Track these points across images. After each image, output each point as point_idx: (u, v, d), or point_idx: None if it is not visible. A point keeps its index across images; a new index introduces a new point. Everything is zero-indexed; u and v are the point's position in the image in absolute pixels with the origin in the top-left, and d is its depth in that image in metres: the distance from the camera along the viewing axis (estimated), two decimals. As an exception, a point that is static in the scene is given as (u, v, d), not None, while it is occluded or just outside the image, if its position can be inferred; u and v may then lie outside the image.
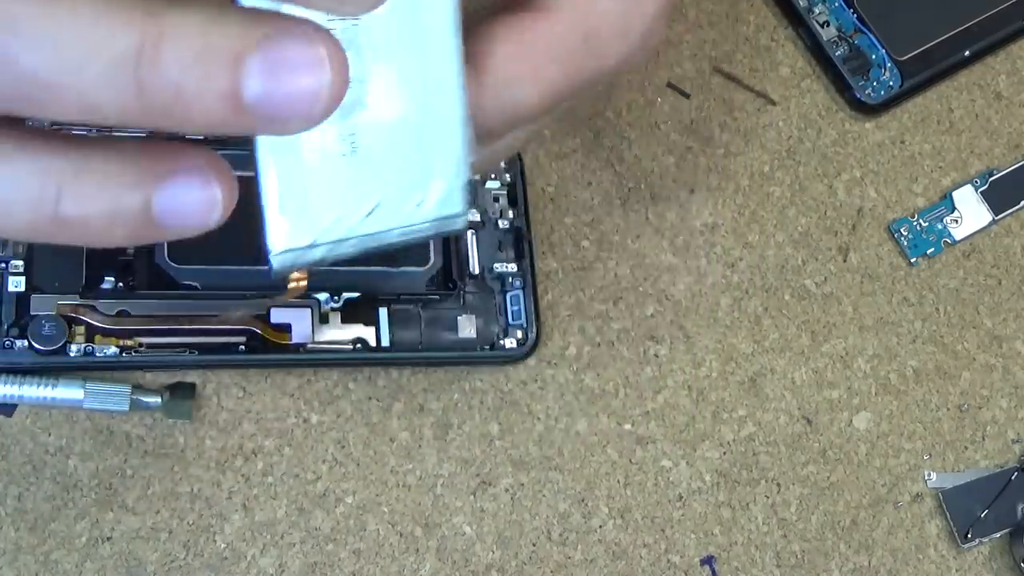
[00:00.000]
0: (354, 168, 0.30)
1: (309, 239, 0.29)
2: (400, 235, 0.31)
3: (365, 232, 0.30)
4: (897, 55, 0.52)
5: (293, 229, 0.29)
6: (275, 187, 0.29)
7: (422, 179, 0.31)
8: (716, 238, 0.51)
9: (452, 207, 0.31)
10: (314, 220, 0.30)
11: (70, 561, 0.44)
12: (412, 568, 0.46)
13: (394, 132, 0.30)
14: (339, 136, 0.30)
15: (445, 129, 0.31)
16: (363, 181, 0.30)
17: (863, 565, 0.49)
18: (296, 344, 0.45)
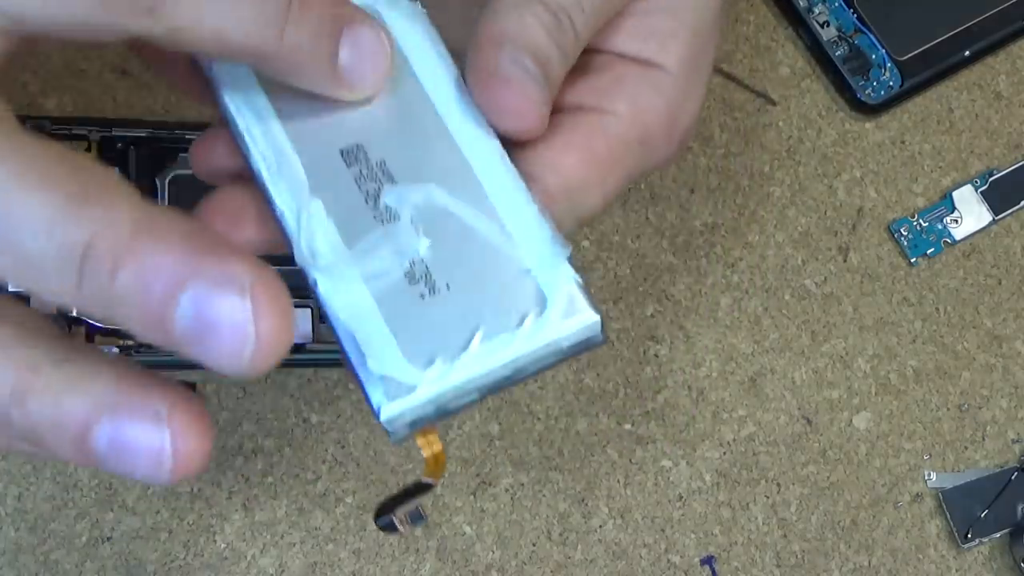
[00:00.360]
0: (440, 306, 0.28)
1: (418, 396, 0.27)
2: (529, 362, 0.28)
3: (480, 371, 0.27)
4: (897, 55, 0.52)
5: (395, 391, 0.27)
6: (362, 354, 0.28)
7: (520, 296, 0.28)
8: (716, 238, 0.51)
9: (577, 312, 0.28)
10: (414, 374, 0.27)
11: (70, 561, 0.44)
12: (412, 568, 0.46)
13: (469, 257, 0.28)
14: (407, 278, 0.28)
15: (526, 236, 0.28)
16: (454, 315, 0.28)
17: (863, 565, 0.49)
18: (296, 344, 0.45)
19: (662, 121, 0.34)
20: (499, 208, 0.29)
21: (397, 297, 0.28)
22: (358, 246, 0.28)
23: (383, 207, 0.28)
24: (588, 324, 0.28)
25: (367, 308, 0.28)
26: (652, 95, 0.34)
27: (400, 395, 0.27)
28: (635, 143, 0.33)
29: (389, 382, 0.27)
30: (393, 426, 0.28)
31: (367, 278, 0.28)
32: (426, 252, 0.28)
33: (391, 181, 0.29)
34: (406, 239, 0.28)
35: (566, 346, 0.28)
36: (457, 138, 0.29)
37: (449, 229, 0.28)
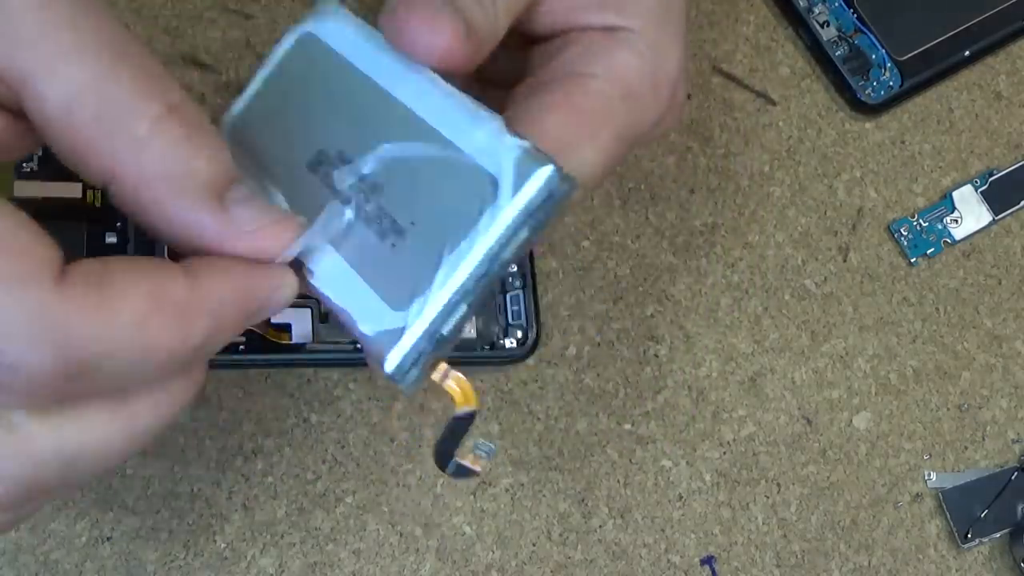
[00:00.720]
0: (409, 245, 0.28)
1: (410, 336, 0.27)
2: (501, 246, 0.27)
3: (456, 282, 0.27)
4: (897, 55, 0.52)
5: (389, 341, 0.28)
6: (351, 312, 0.29)
7: (473, 190, 0.28)
8: (716, 238, 0.51)
9: (527, 175, 0.27)
10: (401, 316, 0.28)
11: (70, 561, 0.44)
12: (412, 568, 0.46)
13: (424, 187, 0.29)
14: (378, 236, 0.29)
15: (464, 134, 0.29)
16: (422, 247, 0.28)
17: (863, 565, 0.49)
18: (296, 344, 0.45)
19: (642, 76, 0.34)
20: (440, 127, 0.29)
21: (373, 257, 0.28)
22: (336, 238, 0.29)
23: (341, 190, 0.30)
24: (543, 180, 0.27)
25: (351, 280, 0.28)
26: (625, 54, 0.33)
27: (394, 343, 0.27)
28: (617, 99, 0.33)
29: (383, 336, 0.28)
30: (399, 375, 0.27)
31: (347, 256, 0.29)
32: (389, 206, 0.29)
33: (349, 166, 0.30)
34: (360, 204, 0.29)
35: (531, 210, 0.27)
36: (394, 92, 0.30)
37: (404, 173, 0.29)
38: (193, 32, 0.48)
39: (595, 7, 0.34)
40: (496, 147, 0.28)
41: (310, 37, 0.33)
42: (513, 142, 0.28)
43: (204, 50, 0.48)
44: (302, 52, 0.33)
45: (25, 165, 0.43)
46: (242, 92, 0.34)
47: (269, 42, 0.48)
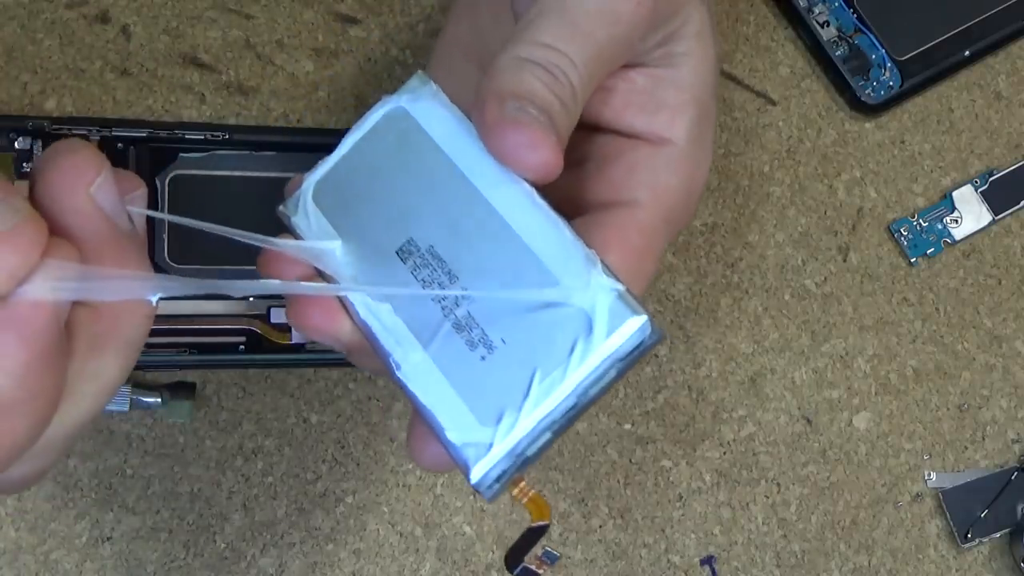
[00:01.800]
0: (500, 361, 0.30)
1: (495, 453, 0.29)
2: (589, 385, 0.29)
3: (544, 411, 0.29)
4: (897, 55, 0.52)
5: (476, 454, 0.29)
6: (437, 417, 0.30)
7: (567, 325, 0.29)
8: (716, 238, 0.51)
9: (621, 320, 0.29)
10: (487, 432, 0.29)
11: (70, 561, 0.44)
12: (412, 568, 0.46)
13: (510, 304, 0.30)
14: (467, 345, 0.30)
15: (562, 266, 0.30)
16: (512, 366, 0.29)
17: (863, 565, 0.49)
18: (296, 344, 0.45)
19: (681, 197, 0.36)
20: (535, 247, 0.30)
21: (462, 365, 0.30)
22: (422, 334, 0.31)
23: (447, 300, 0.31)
24: (636, 328, 0.29)
25: (439, 385, 0.30)
26: (667, 175, 0.36)
27: (480, 456, 0.29)
28: (661, 224, 0.35)
29: (469, 447, 0.29)
30: (482, 487, 0.29)
31: (436, 359, 0.30)
32: (480, 316, 0.30)
33: (443, 266, 0.31)
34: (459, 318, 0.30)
35: (621, 356, 0.29)
36: (488, 196, 0.31)
37: (496, 286, 0.30)
38: (193, 32, 0.48)
39: (649, 110, 0.36)
40: (591, 284, 0.29)
41: (403, 113, 0.33)
42: (608, 283, 0.29)
43: (204, 50, 0.48)
44: (394, 126, 0.33)
45: (25, 165, 0.43)
46: (327, 155, 0.34)
47: (269, 42, 0.48)
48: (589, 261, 0.30)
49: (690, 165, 0.36)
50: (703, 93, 0.36)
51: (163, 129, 0.45)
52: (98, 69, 0.47)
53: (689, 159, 0.36)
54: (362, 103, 0.48)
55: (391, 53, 0.49)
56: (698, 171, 0.37)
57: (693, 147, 0.36)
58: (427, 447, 0.32)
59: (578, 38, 0.33)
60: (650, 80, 0.36)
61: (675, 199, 0.36)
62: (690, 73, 0.36)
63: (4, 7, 0.47)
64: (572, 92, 0.33)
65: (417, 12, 0.50)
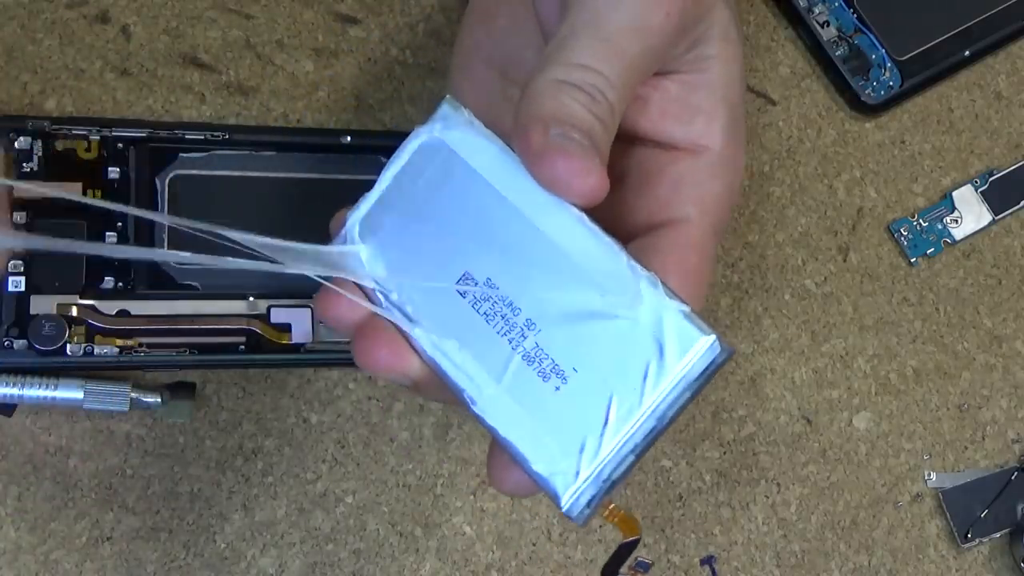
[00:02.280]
0: (574, 390, 0.30)
1: (582, 480, 0.30)
2: (667, 407, 0.30)
3: (624, 432, 0.30)
4: (897, 55, 0.52)
5: (564, 483, 0.30)
6: (521, 450, 0.31)
7: (637, 349, 0.30)
8: (716, 238, 0.51)
9: (691, 342, 0.30)
10: (573, 461, 0.30)
11: (70, 561, 0.44)
12: (412, 568, 0.46)
13: (583, 333, 0.31)
14: (540, 376, 0.31)
15: (622, 290, 0.30)
16: (588, 394, 0.30)
17: (863, 565, 0.49)
18: (296, 344, 0.45)
19: (725, 203, 0.37)
20: (593, 272, 0.31)
21: (537, 396, 0.31)
22: (493, 368, 0.31)
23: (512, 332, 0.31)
24: (706, 348, 0.30)
25: (518, 417, 0.31)
26: (711, 183, 0.36)
27: (569, 485, 0.30)
28: (711, 234, 0.36)
29: (556, 476, 0.30)
30: (575, 514, 0.30)
31: (511, 392, 0.31)
32: (548, 346, 0.31)
33: (503, 299, 0.32)
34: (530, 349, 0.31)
35: (695, 377, 0.30)
36: (539, 223, 0.32)
37: (561, 313, 0.31)
38: (193, 32, 0.48)
39: (685, 117, 0.36)
40: (656, 306, 0.30)
41: (439, 143, 0.33)
42: (674, 305, 0.30)
43: (204, 50, 0.48)
44: (432, 157, 0.33)
45: (25, 165, 0.43)
46: (368, 192, 0.34)
47: (269, 42, 0.48)
48: (651, 284, 0.30)
49: (729, 168, 0.37)
50: (733, 94, 0.37)
51: (163, 129, 0.45)
52: (98, 69, 0.47)
53: (728, 163, 0.36)
54: (362, 103, 0.48)
55: (391, 53, 0.49)
56: (736, 173, 0.37)
57: (729, 149, 0.36)
58: (509, 475, 0.32)
59: (612, 55, 0.33)
60: (682, 87, 0.36)
61: (721, 205, 0.36)
62: (720, 75, 0.36)
63: (4, 7, 0.47)
64: (611, 110, 0.33)
65: (417, 12, 0.50)
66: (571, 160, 0.31)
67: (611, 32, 0.33)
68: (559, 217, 0.31)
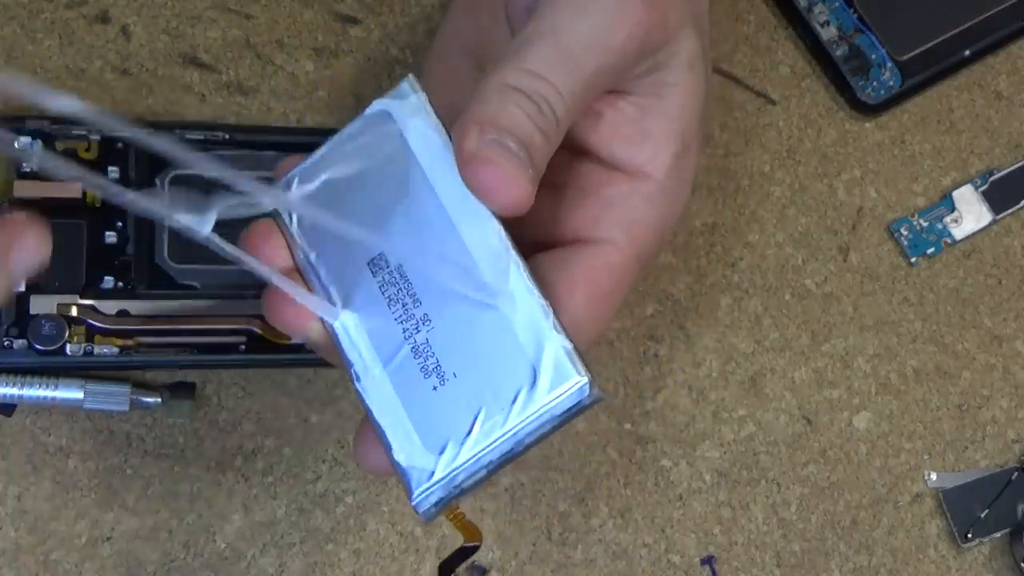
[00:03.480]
0: (450, 394, 0.31)
1: (435, 481, 0.31)
2: (525, 435, 0.30)
3: (483, 447, 0.30)
4: (897, 55, 0.52)
5: (418, 478, 0.31)
6: (388, 437, 0.32)
7: (514, 373, 0.31)
8: (716, 238, 0.51)
9: (564, 379, 0.30)
10: (431, 460, 0.31)
11: (70, 561, 0.44)
12: (412, 568, 0.46)
13: (472, 344, 0.31)
14: (422, 372, 0.31)
15: (519, 313, 0.31)
16: (460, 401, 0.31)
17: (863, 565, 0.49)
18: (296, 344, 0.45)
19: (655, 234, 0.36)
20: (498, 290, 0.31)
21: (415, 390, 0.31)
22: (383, 351, 0.32)
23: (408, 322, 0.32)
24: (576, 389, 0.30)
25: (393, 405, 0.32)
26: (644, 211, 0.36)
27: (422, 481, 0.31)
28: (633, 263, 0.35)
29: (413, 470, 0.31)
30: (422, 510, 0.31)
31: (392, 380, 0.32)
32: (436, 344, 0.31)
33: (408, 288, 0.32)
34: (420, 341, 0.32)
35: (558, 413, 0.30)
36: (458, 224, 0.32)
37: (455, 317, 0.31)
38: (193, 32, 0.48)
39: (635, 140, 0.35)
40: (542, 337, 0.30)
41: (387, 117, 0.34)
42: (558, 340, 0.30)
43: (204, 50, 0.48)
44: (378, 130, 0.34)
45: (25, 165, 0.43)
46: (313, 152, 0.35)
47: (269, 42, 0.48)
48: (543, 313, 0.31)
49: (666, 201, 0.36)
50: (688, 126, 0.36)
51: (163, 129, 0.45)
52: (98, 69, 0.47)
53: (666, 194, 0.36)
54: (362, 103, 0.48)
55: (391, 53, 0.49)
56: (674, 207, 0.36)
57: (672, 182, 0.36)
58: (372, 454, 0.33)
59: (568, 67, 0.33)
60: (638, 110, 0.35)
61: (649, 236, 0.36)
62: (677, 105, 0.36)
63: (4, 7, 0.47)
64: (555, 123, 0.32)
65: (417, 12, 0.50)
66: (497, 170, 0.31)
67: (570, 43, 0.33)
68: (477, 223, 0.32)
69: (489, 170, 0.31)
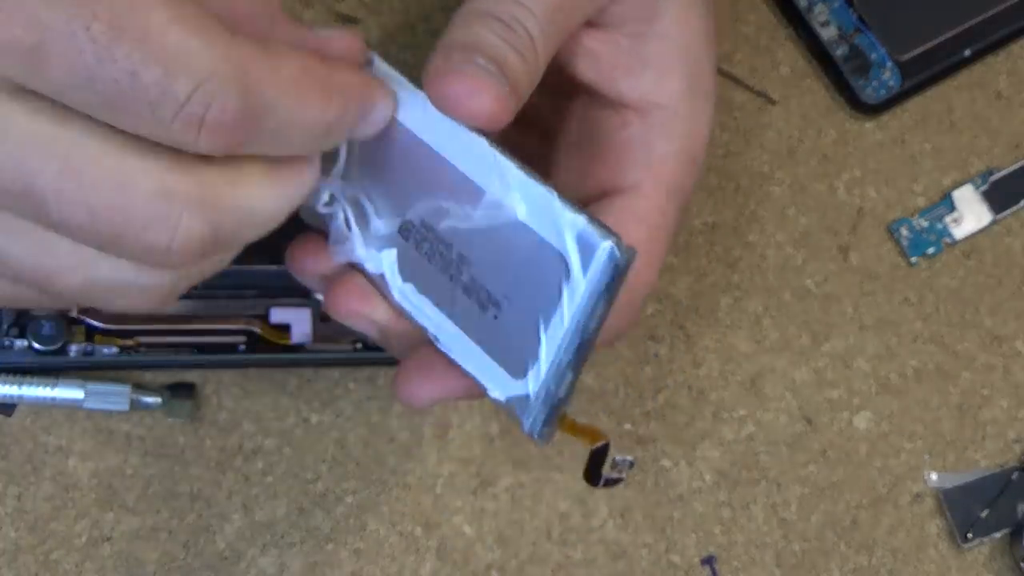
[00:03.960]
0: (509, 317, 0.31)
1: (534, 401, 0.31)
2: (585, 319, 0.30)
3: (557, 351, 0.30)
4: (897, 55, 0.52)
5: (520, 406, 0.31)
6: (479, 379, 0.32)
7: (551, 270, 0.30)
8: (716, 238, 0.51)
9: (591, 254, 0.29)
10: (522, 385, 0.31)
11: (70, 561, 0.44)
12: (412, 568, 0.46)
13: (507, 261, 0.31)
14: (479, 307, 0.31)
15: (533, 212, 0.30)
16: (521, 319, 0.31)
17: (863, 565, 0.49)
18: (296, 344, 0.45)
19: (681, 163, 0.35)
20: (501, 199, 0.31)
21: (483, 328, 0.32)
22: (443, 305, 0.32)
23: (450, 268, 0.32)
24: (605, 258, 0.29)
25: (472, 350, 0.32)
26: (662, 145, 0.34)
27: (524, 407, 0.31)
28: (665, 202, 0.34)
29: (513, 401, 0.31)
30: (534, 434, 0.31)
31: (462, 326, 0.32)
32: (481, 277, 0.31)
33: (433, 234, 0.32)
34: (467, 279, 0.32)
35: (602, 288, 0.29)
36: (451, 160, 0.31)
37: (485, 244, 0.31)
38: (193, 32, 0.48)
39: (635, 71, 0.34)
40: (558, 222, 0.30)
41: None
42: (571, 217, 0.29)
43: (204, 50, 0.48)
44: None
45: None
46: None
47: (269, 42, 0.48)
48: (550, 199, 0.30)
49: (686, 125, 0.34)
50: (693, 42, 0.34)
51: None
52: (98, 69, 0.47)
53: (684, 119, 0.34)
54: (362, 103, 0.48)
55: (391, 53, 0.49)
56: (697, 128, 0.35)
57: (687, 104, 0.34)
58: (416, 389, 0.33)
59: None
60: (632, 40, 0.34)
61: (675, 169, 0.34)
62: (674, 23, 0.34)
63: (4, 7, 0.47)
64: (530, 43, 0.31)
65: (417, 12, 0.50)
66: (463, 78, 0.30)
67: None
68: (464, 147, 0.31)
69: (452, 80, 0.30)
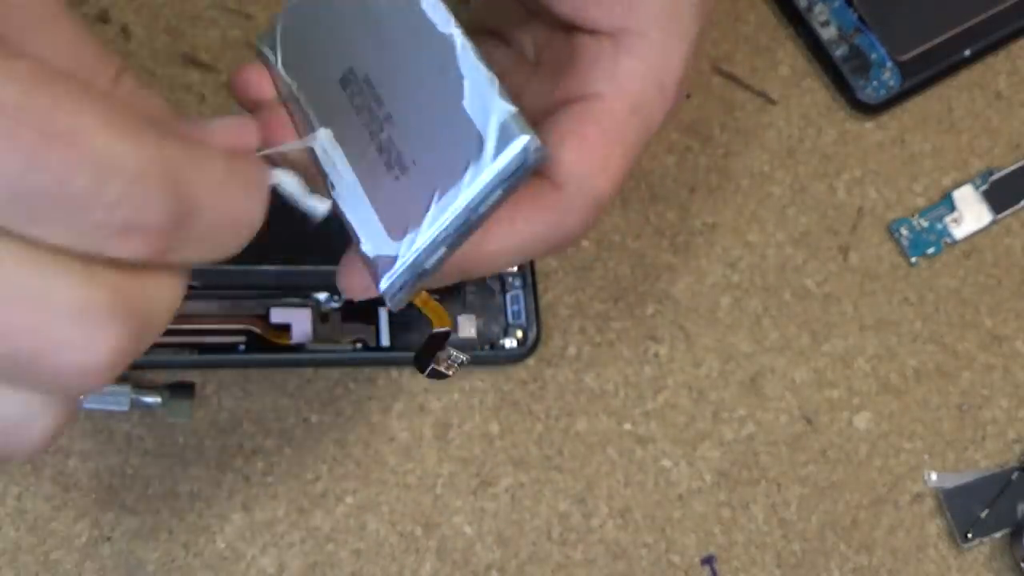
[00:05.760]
0: (410, 181, 0.31)
1: (399, 265, 0.31)
2: (478, 203, 0.30)
3: (439, 224, 0.31)
4: (897, 55, 0.52)
5: (384, 266, 0.31)
6: (356, 230, 0.32)
7: (464, 146, 0.31)
8: (716, 238, 0.51)
9: (508, 141, 0.30)
10: (395, 246, 0.31)
11: (70, 561, 0.44)
12: (412, 568, 0.46)
13: (428, 127, 0.31)
14: (386, 166, 0.32)
15: (468, 88, 0.31)
16: (419, 186, 0.31)
17: (863, 565, 0.49)
18: (296, 344, 0.45)
19: (648, 85, 0.34)
20: (444, 70, 0.31)
21: (381, 187, 0.32)
22: (353, 157, 0.33)
23: (374, 124, 0.33)
24: (520, 149, 0.30)
25: (362, 204, 0.32)
26: (630, 63, 0.34)
27: (387, 269, 0.31)
28: (626, 115, 0.34)
29: (380, 259, 0.31)
30: (388, 295, 0.31)
31: (361, 179, 0.32)
32: (398, 138, 0.32)
33: (372, 93, 0.33)
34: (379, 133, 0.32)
35: (506, 177, 0.30)
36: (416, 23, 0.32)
37: (413, 109, 0.32)
38: (193, 32, 0.48)
39: (604, 2, 0.34)
40: (488, 106, 0.30)
41: None
42: (502, 106, 0.30)
43: (204, 50, 0.48)
44: None
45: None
46: None
47: (269, 42, 0.48)
48: (489, 84, 0.30)
49: (656, 51, 0.34)
50: None
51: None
52: (98, 69, 0.47)
53: (655, 46, 0.34)
54: (362, 103, 0.49)
55: None
56: (669, 60, 0.35)
57: (661, 34, 0.34)
58: (355, 277, 0.33)
59: None
60: None
61: (642, 87, 0.34)
62: None
63: (4, 7, 0.47)
64: None
65: None
66: None
67: None
68: (422, 12, 0.32)
69: None
